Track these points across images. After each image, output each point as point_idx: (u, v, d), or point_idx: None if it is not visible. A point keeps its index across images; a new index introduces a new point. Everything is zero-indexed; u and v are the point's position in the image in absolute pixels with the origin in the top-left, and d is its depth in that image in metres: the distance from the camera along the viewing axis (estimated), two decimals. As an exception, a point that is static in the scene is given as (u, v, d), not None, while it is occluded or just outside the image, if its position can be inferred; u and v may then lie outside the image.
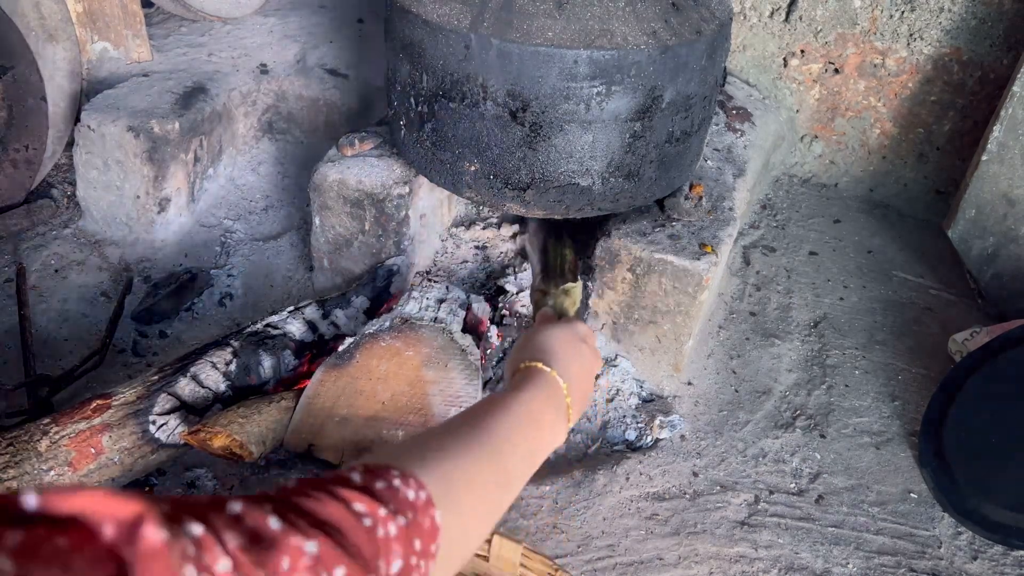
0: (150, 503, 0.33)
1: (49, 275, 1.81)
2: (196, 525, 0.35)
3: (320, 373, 1.40)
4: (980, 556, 1.39)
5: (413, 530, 0.48)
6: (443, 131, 1.45)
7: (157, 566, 0.31)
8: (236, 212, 2.07)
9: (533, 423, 0.70)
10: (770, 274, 2.00)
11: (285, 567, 0.38)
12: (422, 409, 1.39)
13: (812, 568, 1.33)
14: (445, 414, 1.37)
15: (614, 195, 1.49)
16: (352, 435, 1.36)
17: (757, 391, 1.67)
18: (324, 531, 0.42)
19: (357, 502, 0.46)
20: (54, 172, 2.05)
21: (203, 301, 1.79)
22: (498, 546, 1.03)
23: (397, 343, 1.44)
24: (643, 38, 1.33)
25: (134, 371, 1.59)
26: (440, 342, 1.46)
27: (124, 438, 1.30)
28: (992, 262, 1.88)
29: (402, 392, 1.40)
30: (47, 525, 0.30)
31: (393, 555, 0.46)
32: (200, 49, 2.23)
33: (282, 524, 0.40)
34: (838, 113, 2.27)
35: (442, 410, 1.38)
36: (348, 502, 0.45)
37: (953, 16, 2.02)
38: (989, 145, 1.82)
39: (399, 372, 1.42)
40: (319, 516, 0.43)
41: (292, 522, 0.41)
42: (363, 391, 1.40)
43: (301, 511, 0.43)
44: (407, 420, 1.38)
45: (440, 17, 1.35)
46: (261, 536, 0.39)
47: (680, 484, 1.45)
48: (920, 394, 1.67)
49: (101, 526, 0.31)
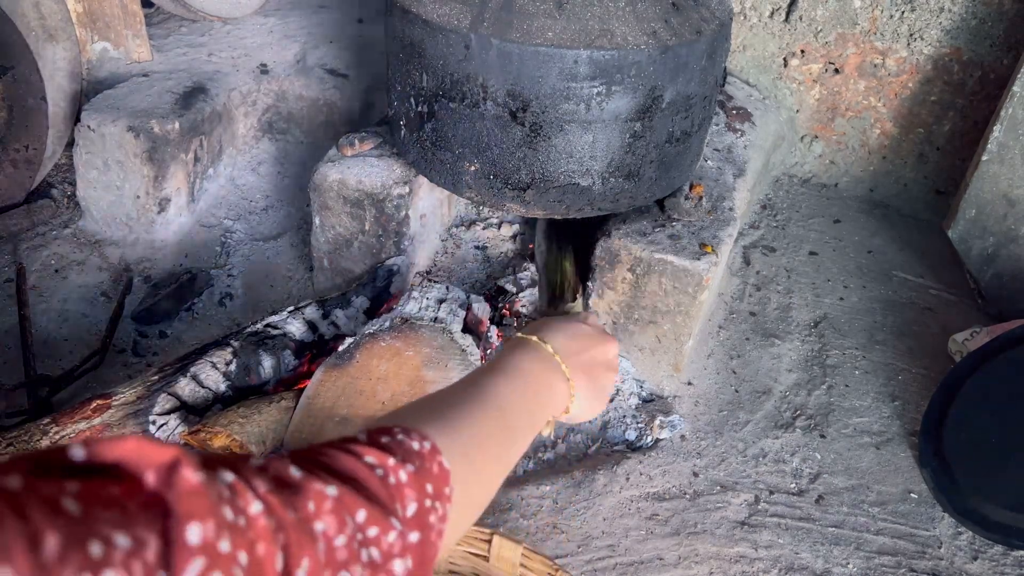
0: (184, 450, 0.36)
1: (49, 275, 1.81)
2: (227, 472, 0.37)
3: (320, 373, 1.40)
4: (980, 556, 1.39)
5: (423, 475, 0.50)
6: (443, 131, 1.45)
7: (198, 504, 0.33)
8: (236, 212, 2.07)
9: (530, 382, 0.70)
10: (770, 274, 2.00)
11: (311, 509, 0.41)
12: None
13: (812, 568, 1.33)
14: None
15: (614, 195, 1.49)
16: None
17: (757, 391, 1.67)
18: (341, 479, 0.44)
19: (368, 455, 0.48)
20: (54, 172, 2.05)
21: (203, 301, 1.79)
22: (498, 546, 1.03)
23: (397, 343, 1.44)
24: (643, 38, 1.33)
25: (134, 371, 1.59)
26: (440, 342, 1.46)
27: (124, 438, 1.30)
28: (992, 262, 1.88)
29: (402, 392, 1.40)
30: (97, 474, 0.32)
31: (407, 499, 0.48)
32: (200, 49, 2.23)
33: (303, 472, 0.42)
34: (838, 113, 2.27)
35: None
36: (359, 455, 0.47)
37: (953, 16, 2.02)
38: (989, 145, 1.82)
39: (399, 372, 1.42)
40: (334, 467, 0.45)
41: (311, 471, 0.43)
42: (363, 391, 1.40)
43: (317, 463, 0.45)
44: None
45: (440, 17, 1.35)
46: (286, 482, 0.41)
47: (680, 484, 1.45)
48: (920, 394, 1.67)
49: (143, 472, 0.33)
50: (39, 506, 0.28)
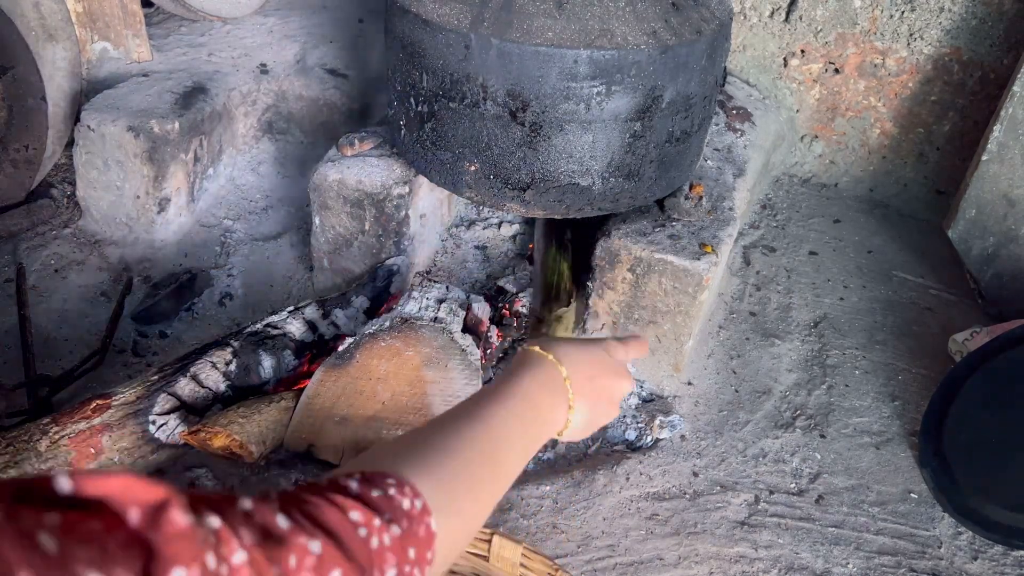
0: (174, 489, 0.35)
1: (49, 275, 1.81)
2: (214, 517, 0.37)
3: (320, 373, 1.40)
4: (980, 556, 1.39)
5: (408, 539, 0.50)
6: (443, 131, 1.45)
7: (184, 548, 0.33)
8: (236, 212, 2.07)
9: (530, 409, 0.69)
10: (770, 274, 2.00)
11: (293, 565, 0.40)
12: (422, 409, 1.39)
13: (812, 568, 1.33)
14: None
15: (614, 195, 1.49)
16: (352, 435, 1.36)
17: (757, 391, 1.67)
18: (326, 533, 0.44)
19: (353, 511, 0.47)
20: (54, 172, 2.05)
21: (203, 301, 1.79)
22: (498, 546, 1.03)
23: (397, 343, 1.44)
24: (643, 38, 1.33)
25: (134, 371, 1.59)
26: (440, 342, 1.46)
27: (124, 438, 1.30)
28: (992, 262, 1.88)
29: (402, 392, 1.40)
30: (79, 508, 0.31)
31: (387, 564, 0.47)
32: (200, 49, 2.23)
33: (289, 523, 0.42)
34: (838, 113, 2.27)
35: (442, 410, 1.38)
36: (345, 510, 0.47)
37: (953, 16, 2.02)
38: (989, 145, 1.82)
39: (399, 372, 1.42)
40: (320, 520, 0.44)
41: (298, 521, 0.43)
42: (363, 391, 1.40)
43: (304, 512, 0.44)
44: (407, 420, 1.38)
45: (440, 17, 1.35)
46: (271, 532, 0.40)
47: (680, 484, 1.45)
48: (920, 394, 1.67)
49: (127, 511, 0.32)
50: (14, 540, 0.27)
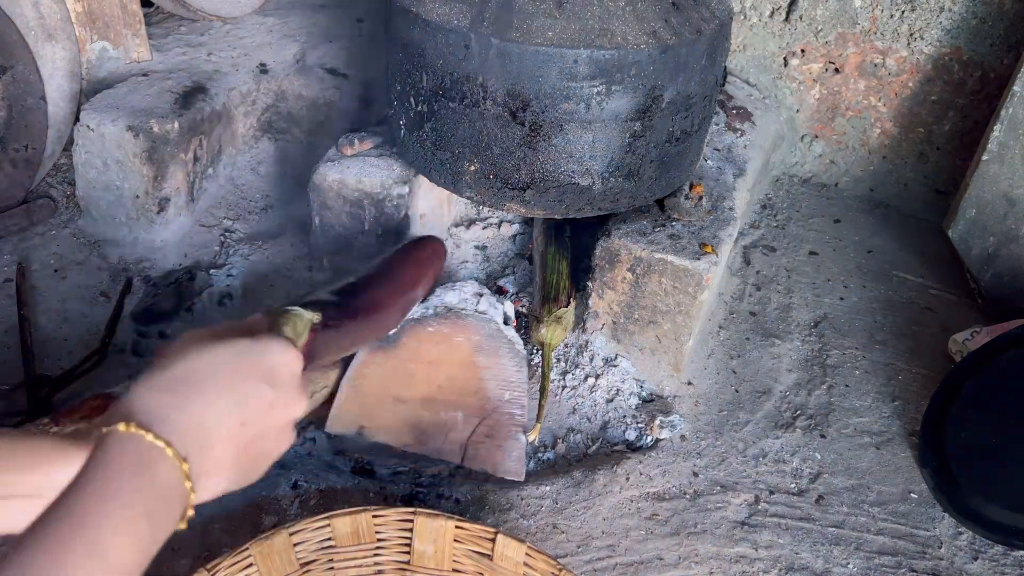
0: None
1: (49, 275, 1.81)
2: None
3: (363, 355, 1.45)
4: (980, 556, 1.39)
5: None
6: (443, 131, 1.45)
7: None
8: (236, 212, 2.07)
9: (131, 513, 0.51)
10: (770, 274, 2.00)
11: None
12: (478, 392, 1.45)
13: (812, 568, 1.33)
14: (500, 397, 1.45)
15: (614, 195, 1.49)
16: (410, 416, 1.41)
17: (757, 391, 1.67)
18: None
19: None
20: (54, 172, 2.05)
21: (203, 301, 1.79)
22: (502, 546, 1.03)
23: (445, 329, 1.50)
24: (643, 38, 1.33)
25: (134, 371, 1.59)
26: (487, 331, 1.52)
27: (124, 438, 1.30)
28: (992, 262, 1.88)
29: (456, 376, 1.46)
30: None
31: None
32: (199, 49, 2.22)
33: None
34: (838, 113, 2.27)
35: (497, 393, 1.45)
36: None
37: (953, 16, 2.02)
38: (989, 145, 1.82)
39: (451, 357, 1.47)
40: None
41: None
42: (415, 374, 1.45)
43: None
44: (466, 402, 1.44)
45: (440, 17, 1.34)
46: None
47: (680, 484, 1.45)
48: (920, 394, 1.67)
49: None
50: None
